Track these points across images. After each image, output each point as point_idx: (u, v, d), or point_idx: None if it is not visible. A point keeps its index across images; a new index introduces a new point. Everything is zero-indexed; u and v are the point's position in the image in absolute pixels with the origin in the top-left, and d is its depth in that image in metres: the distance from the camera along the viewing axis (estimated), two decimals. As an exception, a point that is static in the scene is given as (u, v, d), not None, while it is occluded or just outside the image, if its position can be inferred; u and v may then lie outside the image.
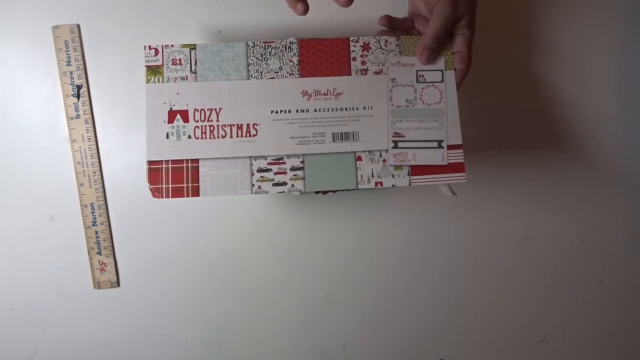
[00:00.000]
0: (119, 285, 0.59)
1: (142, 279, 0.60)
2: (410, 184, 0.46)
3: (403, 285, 0.61)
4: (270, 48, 0.47)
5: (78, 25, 0.57)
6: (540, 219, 0.62)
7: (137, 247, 0.59)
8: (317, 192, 0.49)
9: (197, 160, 0.45)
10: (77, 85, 0.57)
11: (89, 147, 0.58)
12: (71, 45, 0.57)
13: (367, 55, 0.47)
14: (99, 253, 0.59)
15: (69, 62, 0.57)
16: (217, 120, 0.46)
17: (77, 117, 0.58)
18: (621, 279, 0.63)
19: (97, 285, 0.59)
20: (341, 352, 0.62)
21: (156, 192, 0.45)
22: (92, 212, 0.58)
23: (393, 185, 0.46)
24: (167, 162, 0.45)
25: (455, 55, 0.47)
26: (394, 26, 0.50)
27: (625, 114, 0.62)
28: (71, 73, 0.57)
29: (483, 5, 0.48)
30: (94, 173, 0.58)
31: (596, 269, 0.63)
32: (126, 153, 0.58)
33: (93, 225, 0.58)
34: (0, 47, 0.58)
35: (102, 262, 0.59)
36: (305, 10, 0.43)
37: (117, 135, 0.58)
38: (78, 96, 0.58)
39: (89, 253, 0.59)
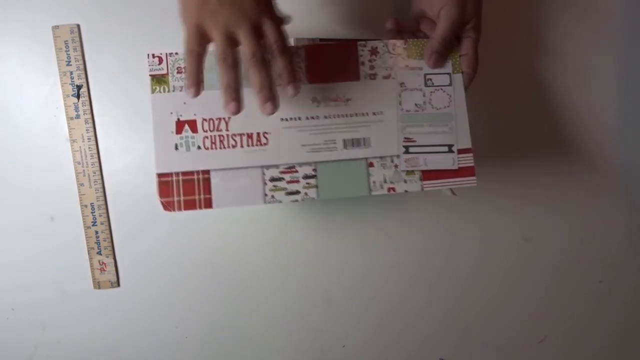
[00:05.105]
0: (119, 285, 0.59)
1: (142, 279, 0.59)
2: (422, 189, 0.46)
3: (403, 286, 0.61)
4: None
5: (78, 25, 0.57)
6: (540, 219, 0.62)
7: (137, 247, 0.59)
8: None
9: (208, 172, 0.44)
10: (77, 85, 0.57)
11: (89, 147, 0.58)
12: (71, 45, 0.57)
13: (375, 60, 0.47)
14: (99, 253, 0.59)
15: (69, 62, 0.57)
16: (227, 130, 0.45)
17: (77, 117, 0.58)
18: (621, 279, 0.63)
19: (97, 285, 0.59)
20: (341, 352, 0.62)
21: (168, 206, 0.44)
22: (92, 212, 0.58)
23: (405, 191, 0.46)
24: (177, 174, 0.44)
25: (463, 58, 0.47)
26: (401, 29, 0.50)
27: (626, 114, 0.62)
28: (71, 73, 0.57)
29: (487, 8, 0.48)
30: (94, 173, 0.58)
31: (596, 269, 0.63)
32: (126, 153, 0.58)
33: (93, 225, 0.58)
34: (0, 47, 0.58)
35: (102, 262, 0.59)
36: (238, 110, 0.40)
37: (117, 135, 0.58)
38: (78, 96, 0.58)
39: (89, 253, 0.59)
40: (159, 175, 0.44)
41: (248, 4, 0.40)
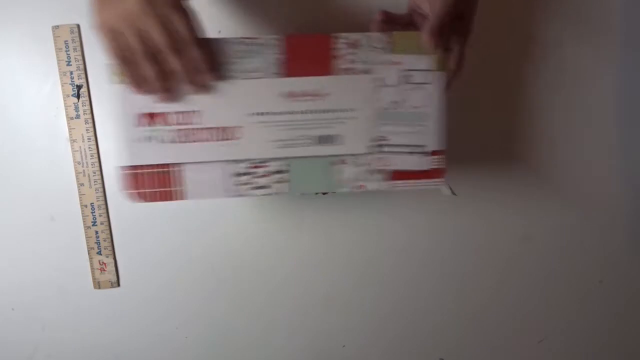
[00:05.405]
0: (119, 285, 0.59)
1: (142, 279, 0.60)
2: (390, 189, 0.46)
3: (403, 285, 0.61)
4: (252, 45, 0.44)
5: (78, 25, 0.57)
6: (540, 219, 0.62)
7: (137, 247, 0.59)
8: (316, 193, 0.49)
9: (178, 164, 0.44)
10: (77, 85, 0.57)
11: (89, 147, 0.58)
12: (71, 45, 0.57)
13: (355, 54, 0.45)
14: (99, 253, 0.59)
15: (69, 62, 0.57)
16: (199, 123, 0.44)
17: (77, 117, 0.58)
18: (621, 279, 0.63)
19: (97, 285, 0.59)
20: (341, 352, 0.62)
21: (136, 196, 0.44)
22: (92, 212, 0.58)
23: (375, 189, 0.46)
24: (148, 166, 0.44)
25: (450, 54, 0.46)
26: (390, 21, 0.48)
27: (625, 114, 0.61)
28: (71, 73, 0.57)
29: (481, 9, 0.47)
30: (94, 173, 0.58)
31: (596, 269, 0.63)
32: (126, 153, 0.58)
33: (93, 225, 0.58)
34: (0, 47, 0.58)
35: (102, 262, 0.59)
36: (167, 99, 0.43)
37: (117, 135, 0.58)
38: (78, 96, 0.58)
39: (89, 253, 0.59)
40: (126, 168, 0.44)
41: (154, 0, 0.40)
